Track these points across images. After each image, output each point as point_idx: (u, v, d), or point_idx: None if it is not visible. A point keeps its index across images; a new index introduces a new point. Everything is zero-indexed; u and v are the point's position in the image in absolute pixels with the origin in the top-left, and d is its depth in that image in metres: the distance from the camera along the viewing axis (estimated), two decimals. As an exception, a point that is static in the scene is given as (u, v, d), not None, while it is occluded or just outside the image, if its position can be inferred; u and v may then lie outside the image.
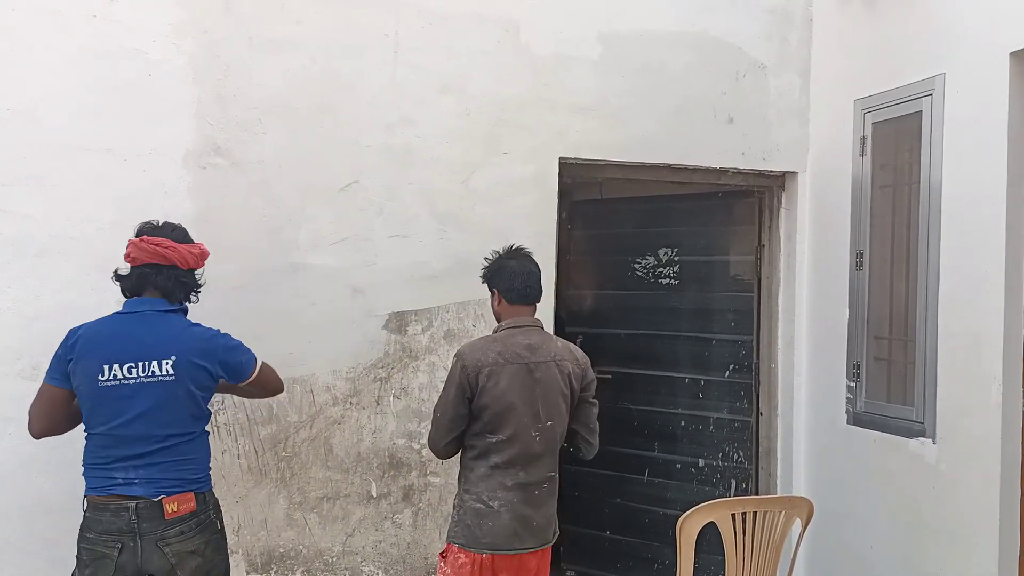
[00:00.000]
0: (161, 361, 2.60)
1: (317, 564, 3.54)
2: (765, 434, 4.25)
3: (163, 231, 2.74)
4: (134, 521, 2.54)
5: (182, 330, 2.69)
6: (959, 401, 3.21)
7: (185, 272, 2.72)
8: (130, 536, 2.54)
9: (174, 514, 2.56)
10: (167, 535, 2.56)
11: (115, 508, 2.56)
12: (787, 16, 4.08)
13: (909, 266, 3.51)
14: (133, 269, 2.71)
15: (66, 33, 3.26)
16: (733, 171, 4.07)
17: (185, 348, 2.64)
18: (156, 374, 2.60)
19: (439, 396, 2.89)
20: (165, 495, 2.57)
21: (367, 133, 3.56)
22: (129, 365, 2.59)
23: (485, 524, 2.79)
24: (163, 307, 2.69)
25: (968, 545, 3.16)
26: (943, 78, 3.31)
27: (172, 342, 2.63)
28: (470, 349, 2.86)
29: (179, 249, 2.70)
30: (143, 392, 2.59)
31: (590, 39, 3.82)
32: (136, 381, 2.59)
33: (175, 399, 2.61)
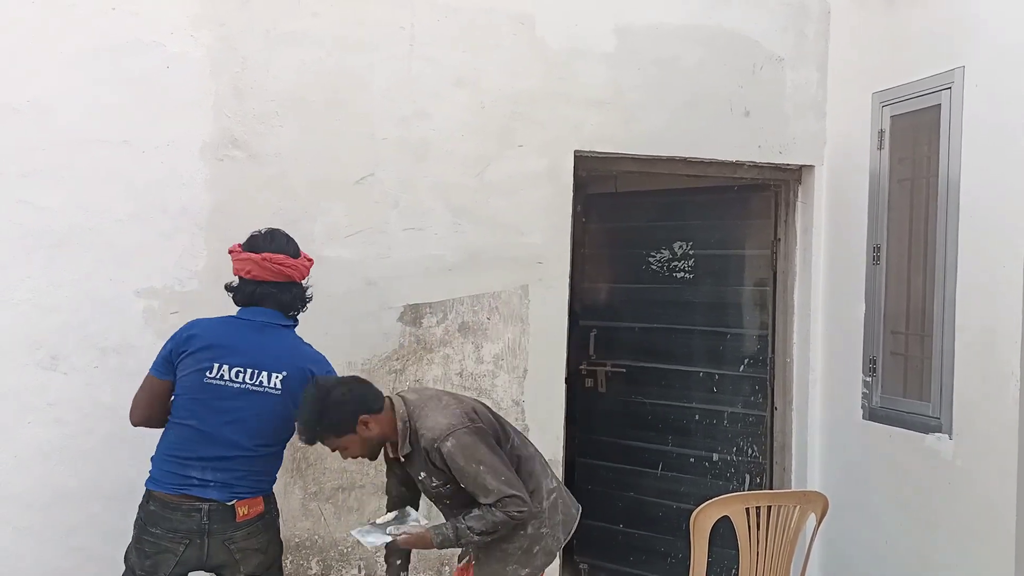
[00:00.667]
0: (272, 374, 2.62)
1: (332, 554, 3.56)
2: (780, 429, 4.23)
3: (278, 245, 2.71)
4: (205, 522, 2.56)
5: (295, 347, 2.72)
6: (976, 396, 3.19)
7: (299, 287, 2.76)
8: (199, 535, 2.56)
9: (245, 517, 2.60)
10: (235, 535, 2.59)
11: (187, 509, 2.56)
12: (804, 9, 4.05)
13: (926, 261, 3.49)
14: (251, 283, 2.69)
15: (84, 25, 3.28)
16: (749, 164, 4.05)
17: (297, 366, 2.66)
18: (264, 385, 2.62)
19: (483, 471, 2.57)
20: (238, 499, 2.59)
21: (382, 126, 3.57)
22: (238, 369, 2.60)
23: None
24: (281, 321, 2.72)
25: (984, 541, 3.14)
26: (962, 71, 3.27)
27: (286, 358, 2.65)
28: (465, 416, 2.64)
29: (299, 266, 2.72)
30: (246, 399, 2.60)
31: (605, 32, 3.81)
32: (242, 387, 2.61)
33: (274, 414, 2.62)
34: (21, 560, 3.22)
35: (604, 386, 4.67)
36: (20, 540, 3.22)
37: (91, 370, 3.26)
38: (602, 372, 4.67)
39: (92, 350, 3.26)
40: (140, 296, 3.30)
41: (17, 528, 3.22)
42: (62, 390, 3.23)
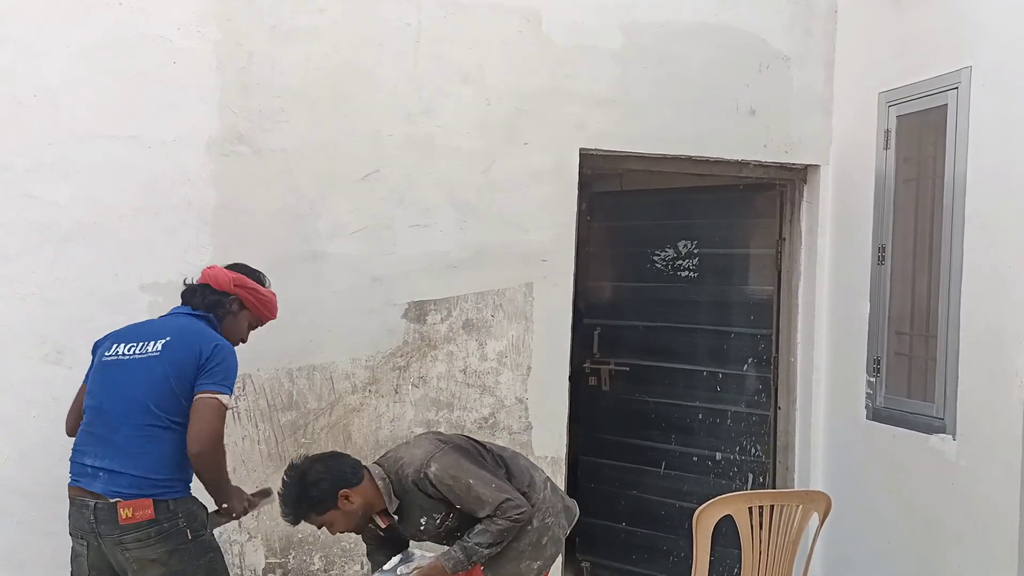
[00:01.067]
0: (156, 341, 2.63)
1: (335, 550, 3.57)
2: (783, 428, 4.23)
3: (231, 265, 2.90)
4: (92, 521, 2.51)
5: (190, 324, 2.72)
6: (980, 397, 3.19)
7: (213, 291, 2.77)
8: (93, 536, 2.53)
9: (129, 520, 2.47)
10: (125, 540, 2.49)
11: (79, 504, 2.56)
12: (811, 7, 4.04)
13: (932, 261, 3.48)
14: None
15: (90, 20, 3.29)
16: (755, 163, 4.04)
17: (182, 336, 2.64)
18: (148, 351, 2.62)
19: (473, 484, 2.59)
20: (121, 498, 2.48)
21: (388, 123, 3.57)
22: (131, 344, 2.65)
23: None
24: (185, 311, 2.78)
25: (987, 542, 3.14)
26: (969, 71, 3.26)
27: (175, 328, 2.68)
28: (439, 441, 2.71)
29: (216, 271, 2.81)
30: (131, 367, 2.61)
31: (611, 30, 3.80)
32: (130, 358, 2.63)
33: (154, 374, 2.57)
34: (24, 552, 3.23)
35: (608, 384, 4.67)
36: (24, 533, 3.23)
37: (96, 364, 3.27)
38: (606, 370, 4.67)
39: (97, 344, 3.27)
40: (145, 291, 3.31)
41: (21, 521, 3.24)
42: (67, 384, 3.21)
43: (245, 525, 3.46)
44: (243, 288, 2.81)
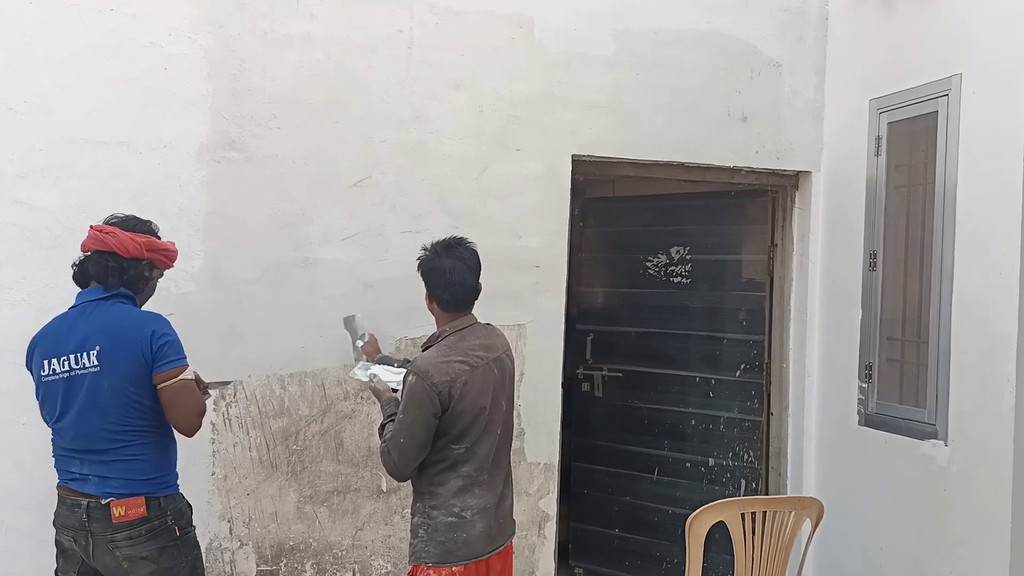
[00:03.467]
0: (88, 352, 2.51)
1: (327, 557, 3.56)
2: (776, 434, 4.24)
3: (116, 220, 2.65)
4: (84, 520, 2.52)
5: (114, 317, 2.56)
6: (972, 403, 3.19)
7: (123, 259, 2.58)
8: (83, 534, 2.53)
9: (121, 518, 2.48)
10: (116, 538, 2.50)
11: (70, 503, 2.55)
12: (802, 14, 4.06)
13: (923, 267, 3.49)
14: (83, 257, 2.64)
15: (82, 26, 3.28)
16: (746, 170, 4.05)
17: (112, 336, 2.52)
18: (85, 366, 2.51)
19: (398, 421, 2.63)
20: (114, 497, 2.49)
21: (380, 129, 3.57)
22: (63, 358, 2.54)
23: (460, 536, 2.66)
24: (99, 295, 2.60)
25: (979, 548, 3.14)
26: (959, 78, 3.28)
27: (100, 331, 2.53)
28: (432, 366, 2.63)
29: (118, 235, 2.58)
30: (74, 385, 2.52)
31: (603, 36, 3.81)
32: (68, 374, 2.53)
33: (103, 391, 2.50)
34: (15, 561, 3.21)
35: (600, 390, 4.67)
36: (14, 540, 3.21)
37: (86, 371, 3.26)
38: (598, 376, 4.67)
39: (88, 351, 3.25)
40: (136, 297, 3.29)
41: (11, 529, 3.22)
42: (57, 391, 3.22)
43: (236, 533, 3.45)
44: (154, 251, 2.66)
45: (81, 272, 2.65)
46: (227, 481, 3.44)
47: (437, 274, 2.75)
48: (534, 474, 3.77)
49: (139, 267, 2.64)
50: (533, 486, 3.77)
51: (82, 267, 2.64)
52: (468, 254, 2.77)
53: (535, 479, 3.77)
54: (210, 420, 3.40)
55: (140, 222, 2.70)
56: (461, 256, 2.75)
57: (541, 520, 3.80)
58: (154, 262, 2.69)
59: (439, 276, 2.75)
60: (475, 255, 2.79)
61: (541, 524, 3.80)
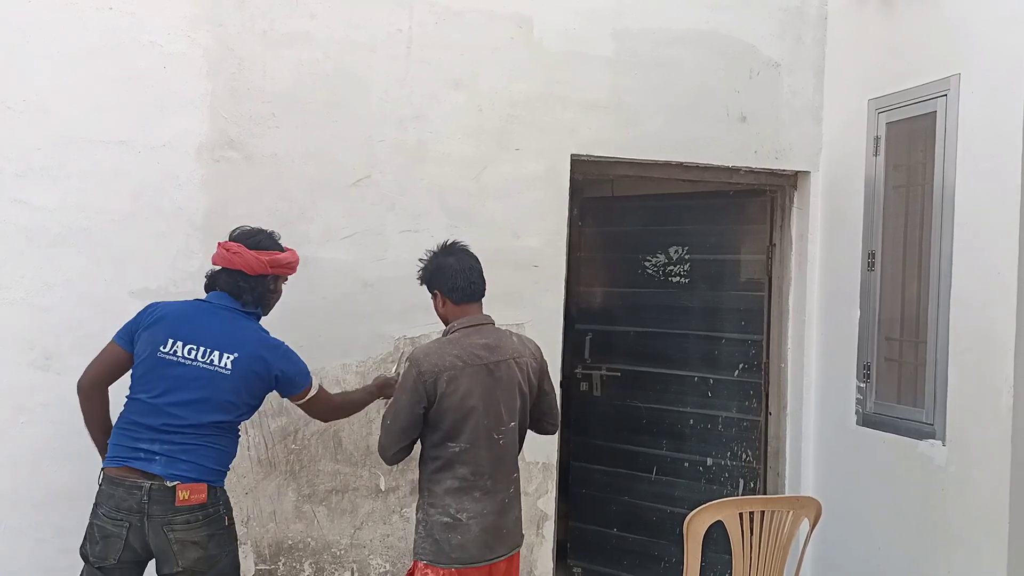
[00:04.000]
0: (223, 354, 2.66)
1: (325, 556, 3.56)
2: (774, 434, 4.24)
3: (244, 237, 2.81)
4: (145, 502, 2.57)
5: (251, 332, 2.75)
6: (970, 403, 3.20)
7: (251, 278, 2.76)
8: (138, 516, 2.57)
9: (184, 502, 2.58)
10: (174, 521, 2.58)
11: (129, 485, 2.59)
12: (801, 14, 4.06)
13: (921, 267, 3.49)
14: (214, 270, 2.81)
15: (81, 25, 3.28)
16: (745, 170, 4.06)
17: (250, 350, 2.70)
18: (215, 364, 2.65)
19: (390, 402, 2.77)
20: (181, 481, 2.59)
21: (379, 128, 3.57)
22: (191, 347, 2.66)
23: (454, 538, 2.68)
24: (236, 305, 2.77)
25: (977, 548, 3.15)
26: (958, 79, 3.28)
27: (239, 340, 2.69)
28: (425, 354, 2.70)
29: (244, 255, 2.74)
30: (196, 376, 2.64)
31: (603, 36, 3.81)
32: (193, 364, 2.65)
33: (222, 394, 2.66)
34: (14, 560, 3.21)
35: (599, 390, 4.67)
36: (13, 540, 3.21)
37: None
38: (597, 376, 4.67)
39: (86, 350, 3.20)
40: (135, 296, 3.29)
41: (9, 528, 3.22)
42: (56, 390, 3.21)
43: (235, 532, 3.45)
44: (278, 267, 2.82)
45: (211, 285, 2.82)
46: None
47: (443, 271, 2.81)
48: (532, 473, 3.77)
49: (266, 283, 2.81)
50: (531, 485, 3.77)
51: (214, 281, 2.81)
52: (468, 255, 2.85)
53: (533, 478, 3.78)
54: (209, 419, 3.40)
55: (264, 236, 2.84)
56: (462, 250, 2.85)
57: (539, 519, 3.80)
58: (278, 275, 2.85)
59: (445, 272, 2.80)
60: (474, 256, 2.87)
61: (539, 523, 3.80)
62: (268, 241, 2.84)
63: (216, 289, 2.79)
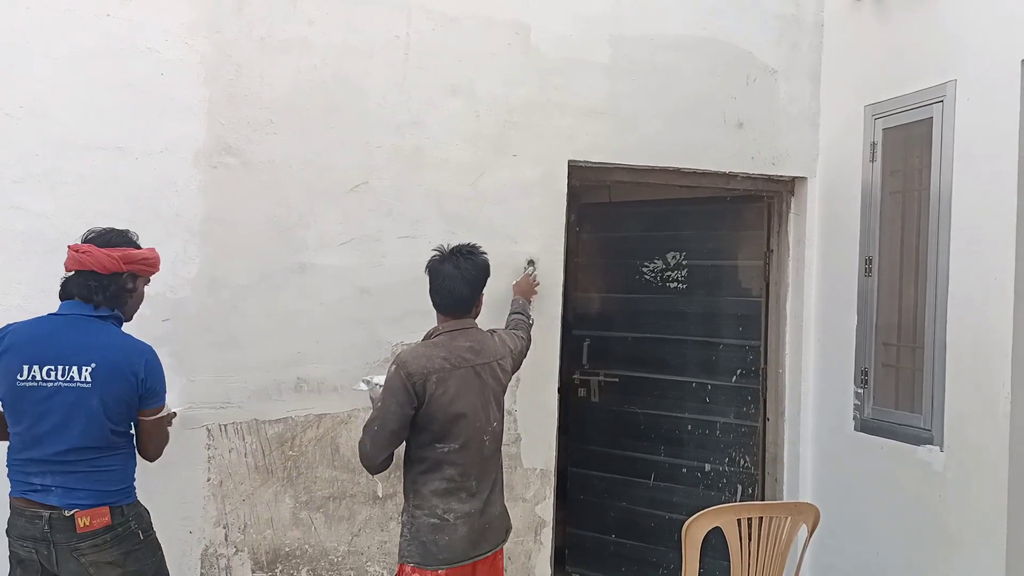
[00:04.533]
0: (81, 367, 2.52)
1: (322, 563, 3.55)
2: (772, 440, 4.24)
3: (94, 237, 2.65)
4: (47, 531, 2.50)
5: (109, 337, 2.60)
6: (967, 409, 3.20)
7: (103, 277, 2.59)
8: (44, 544, 2.51)
9: (86, 528, 2.50)
10: (80, 546, 2.51)
11: (29, 515, 2.52)
12: (798, 21, 4.08)
13: (918, 273, 3.50)
14: (67, 276, 2.65)
15: (79, 31, 3.28)
16: (742, 176, 4.06)
17: (107, 356, 2.55)
18: (75, 380, 2.51)
19: (375, 409, 2.73)
20: (79, 508, 2.50)
21: (376, 134, 3.57)
22: (48, 368, 2.52)
23: (442, 539, 2.69)
24: (90, 312, 2.60)
25: (975, 553, 3.14)
26: (954, 85, 3.30)
27: (95, 349, 2.55)
28: (413, 356, 2.70)
29: (93, 253, 2.58)
30: (59, 397, 2.51)
31: (600, 42, 3.82)
32: (53, 385, 2.51)
33: (89, 408, 2.52)
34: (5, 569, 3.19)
35: (597, 396, 4.67)
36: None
37: (82, 376, 3.25)
38: (595, 382, 4.67)
39: (83, 356, 3.24)
40: (132, 302, 3.28)
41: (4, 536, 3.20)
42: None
43: (232, 539, 3.44)
44: (132, 263, 2.65)
45: (65, 293, 2.65)
46: (222, 487, 3.43)
47: (434, 277, 2.82)
48: (530, 479, 3.77)
49: (119, 281, 2.64)
50: (529, 491, 3.77)
51: (65, 288, 2.64)
52: (470, 266, 2.80)
53: (531, 484, 3.77)
54: (205, 426, 3.40)
55: (116, 234, 2.69)
56: (460, 266, 2.79)
57: (537, 526, 3.80)
58: (135, 272, 2.68)
59: (435, 279, 2.81)
60: (478, 267, 2.81)
61: (537, 530, 3.80)
62: (120, 239, 2.67)
63: (69, 298, 2.63)
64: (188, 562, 3.38)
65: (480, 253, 2.84)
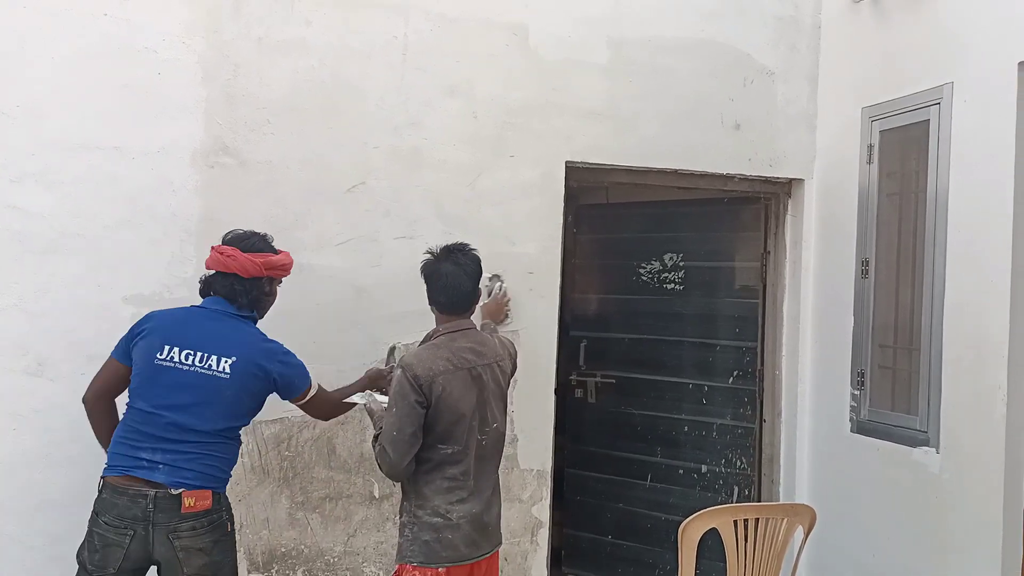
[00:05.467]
0: (221, 358, 2.66)
1: (319, 564, 3.55)
2: (768, 441, 4.24)
3: (238, 239, 2.81)
4: (150, 509, 2.56)
5: (248, 336, 2.75)
6: (963, 410, 3.20)
7: (246, 281, 2.76)
8: (143, 524, 2.56)
9: (190, 508, 2.59)
10: (180, 528, 2.58)
11: (133, 494, 2.57)
12: (795, 23, 4.08)
13: (915, 275, 3.50)
14: (209, 273, 2.81)
15: (76, 31, 3.28)
16: (740, 177, 4.07)
17: (247, 353, 2.70)
18: (213, 369, 2.65)
19: (387, 416, 2.71)
20: (186, 488, 2.59)
21: (374, 135, 3.57)
22: (188, 352, 2.66)
23: (445, 538, 2.70)
24: (231, 310, 2.77)
25: (970, 555, 3.15)
26: (951, 87, 3.30)
27: (236, 344, 2.70)
28: (418, 359, 2.72)
29: (238, 258, 2.74)
30: (195, 382, 2.64)
31: (598, 44, 3.83)
32: (191, 369, 2.64)
33: (223, 398, 2.66)
34: (5, 567, 3.19)
35: (594, 396, 4.67)
36: (5, 547, 3.20)
37: (78, 377, 3.21)
38: (592, 383, 4.67)
39: (79, 356, 3.23)
40: (128, 302, 3.28)
41: (2, 535, 3.20)
42: (49, 396, 3.21)
43: (228, 539, 3.44)
44: (273, 269, 2.82)
45: (208, 290, 2.81)
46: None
47: (435, 278, 2.82)
48: (527, 480, 3.77)
49: (260, 285, 2.81)
50: (526, 492, 3.77)
51: (209, 285, 2.80)
52: (468, 260, 2.83)
53: (528, 485, 3.77)
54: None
55: (258, 239, 2.84)
56: (459, 262, 2.81)
57: (534, 527, 3.80)
58: (273, 277, 2.85)
59: (436, 280, 2.82)
60: (475, 261, 2.85)
61: (534, 531, 3.80)
62: (261, 243, 2.84)
63: (211, 294, 2.80)
64: (184, 562, 3.38)
65: (471, 249, 2.88)
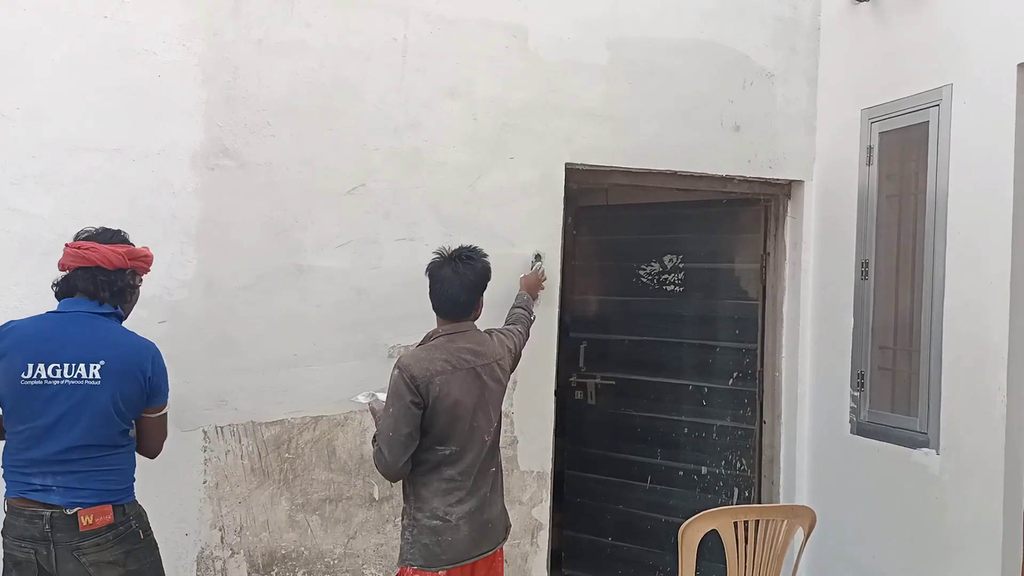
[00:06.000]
0: (89, 365, 2.51)
1: (318, 566, 3.54)
2: (768, 442, 4.24)
3: (92, 236, 2.65)
4: (47, 530, 2.47)
5: (115, 335, 2.60)
6: (963, 412, 3.21)
7: (110, 272, 2.59)
8: (44, 544, 2.48)
9: (89, 527, 2.48)
10: (82, 545, 2.49)
11: (29, 515, 2.49)
12: (795, 24, 4.08)
13: (914, 276, 3.51)
14: (65, 274, 2.63)
15: (76, 33, 3.28)
16: (739, 179, 4.07)
17: (117, 353, 2.55)
18: (82, 377, 2.50)
19: (384, 417, 2.71)
20: (81, 507, 2.48)
21: (374, 136, 3.57)
22: (55, 366, 2.50)
23: (444, 540, 2.71)
24: (94, 309, 2.60)
25: (970, 556, 3.15)
26: (950, 89, 3.30)
27: (105, 346, 2.54)
28: (415, 360, 2.71)
29: (100, 249, 2.59)
30: (66, 394, 2.49)
31: (598, 45, 3.83)
32: (60, 383, 2.49)
33: (98, 406, 2.51)
34: None
35: (594, 398, 4.67)
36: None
37: (78, 378, 3.24)
38: (592, 384, 4.67)
39: (79, 358, 3.24)
40: (128, 304, 3.28)
41: None
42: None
43: (228, 541, 3.43)
44: (136, 260, 2.67)
45: (68, 289, 2.62)
46: (219, 489, 3.43)
47: (433, 281, 2.84)
48: (527, 482, 3.77)
49: (125, 277, 2.65)
50: (526, 494, 3.77)
51: (68, 284, 2.62)
52: (468, 270, 2.80)
53: (528, 487, 3.77)
54: (202, 428, 3.39)
55: (114, 233, 2.70)
56: (458, 271, 2.80)
57: (534, 528, 3.79)
58: (136, 269, 2.70)
59: (433, 283, 2.83)
60: (477, 273, 2.82)
61: (534, 532, 3.79)
62: (119, 237, 2.69)
63: (69, 295, 2.61)
64: (184, 564, 3.37)
65: (480, 257, 2.85)
